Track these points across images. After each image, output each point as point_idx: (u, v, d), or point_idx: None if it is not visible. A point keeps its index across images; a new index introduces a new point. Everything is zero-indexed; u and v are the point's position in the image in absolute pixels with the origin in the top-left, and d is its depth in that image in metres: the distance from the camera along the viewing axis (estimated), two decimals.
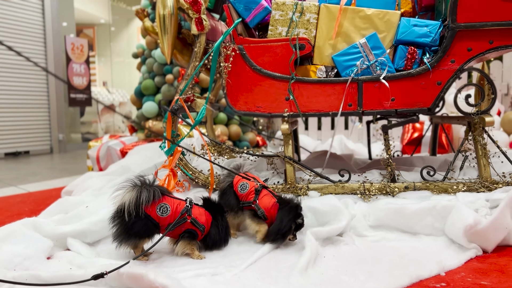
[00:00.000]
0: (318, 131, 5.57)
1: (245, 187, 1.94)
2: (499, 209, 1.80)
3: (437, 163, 2.79)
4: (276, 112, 2.32)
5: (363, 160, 3.14)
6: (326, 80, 2.27)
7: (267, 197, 1.90)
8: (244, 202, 1.92)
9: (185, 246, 1.79)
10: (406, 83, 2.19)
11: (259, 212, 1.87)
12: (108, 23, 11.66)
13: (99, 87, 11.43)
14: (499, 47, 2.12)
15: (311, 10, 2.31)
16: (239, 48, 2.31)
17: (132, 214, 1.68)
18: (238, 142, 4.45)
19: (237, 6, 2.35)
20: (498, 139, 3.58)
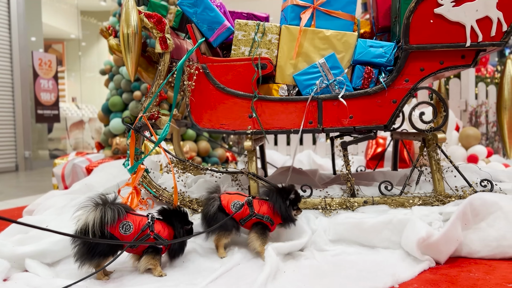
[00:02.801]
0: (287, 147, 5.64)
1: (239, 205, 1.94)
2: (450, 222, 1.89)
3: (397, 178, 2.89)
4: (239, 129, 2.36)
5: (328, 175, 3.21)
6: (287, 98, 2.33)
7: (263, 205, 1.96)
8: (244, 218, 1.94)
9: (148, 261, 1.80)
10: (363, 102, 2.28)
11: (265, 219, 1.92)
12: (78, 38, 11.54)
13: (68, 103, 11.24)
14: (449, 67, 2.24)
15: (273, 31, 2.39)
16: (202, 67, 2.36)
17: (96, 234, 1.68)
18: (208, 158, 4.46)
19: (200, 26, 2.40)
20: (456, 153, 3.74)
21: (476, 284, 1.64)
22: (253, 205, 1.95)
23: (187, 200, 2.36)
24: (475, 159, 3.64)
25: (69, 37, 11.50)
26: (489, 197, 2.01)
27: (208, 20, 2.39)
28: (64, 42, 11.79)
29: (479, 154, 3.68)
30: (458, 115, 4.58)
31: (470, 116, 4.59)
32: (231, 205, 1.95)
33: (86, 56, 12.26)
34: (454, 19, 2.15)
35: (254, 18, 2.82)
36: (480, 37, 2.15)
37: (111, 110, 4.43)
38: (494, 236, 1.93)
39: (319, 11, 2.40)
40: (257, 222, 1.95)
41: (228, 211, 1.95)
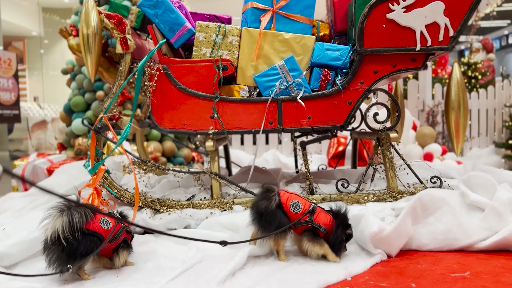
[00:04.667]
0: (253, 146, 5.70)
1: (298, 206, 1.87)
2: (401, 217, 1.99)
3: (355, 176, 3.00)
4: (201, 130, 2.40)
5: (291, 174, 3.29)
6: (248, 99, 2.38)
7: (322, 214, 1.90)
8: (300, 222, 1.86)
9: (125, 255, 1.87)
10: (320, 103, 2.36)
11: (322, 229, 1.85)
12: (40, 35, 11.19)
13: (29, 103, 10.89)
14: (401, 70, 2.35)
15: (234, 33, 2.43)
16: (163, 68, 2.37)
17: (69, 238, 1.67)
18: (173, 158, 4.46)
19: (161, 27, 2.41)
20: (413, 152, 3.91)
21: (423, 275, 1.74)
22: (314, 213, 1.88)
23: (149, 200, 2.37)
24: (430, 157, 3.82)
25: (31, 34, 11.14)
26: (437, 193, 2.13)
27: (169, 22, 2.41)
28: (25, 39, 11.41)
29: (434, 152, 3.85)
30: (416, 114, 4.78)
31: (427, 116, 4.79)
32: (290, 204, 1.88)
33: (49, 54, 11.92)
34: (405, 24, 2.26)
35: (216, 19, 2.85)
36: (429, 42, 2.27)
37: (73, 110, 4.36)
38: (441, 230, 2.05)
39: (279, 15, 2.46)
40: (309, 228, 1.88)
41: (286, 209, 1.86)
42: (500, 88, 5.38)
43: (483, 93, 5.26)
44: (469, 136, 5.11)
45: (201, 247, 2.07)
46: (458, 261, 1.89)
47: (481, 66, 6.16)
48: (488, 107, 5.28)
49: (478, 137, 5.21)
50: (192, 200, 2.41)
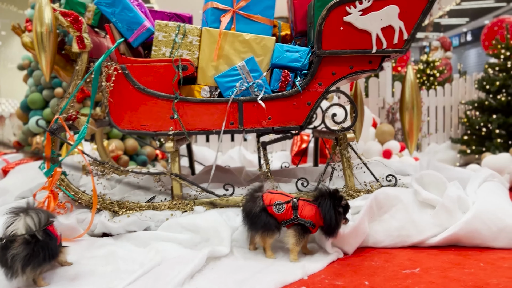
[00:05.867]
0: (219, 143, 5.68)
1: (281, 207, 1.92)
2: (359, 217, 2.05)
3: (316, 174, 3.05)
4: (161, 131, 2.37)
5: (254, 172, 3.32)
6: (209, 100, 2.38)
7: (306, 206, 1.93)
8: (287, 220, 1.92)
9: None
10: (281, 104, 2.39)
11: (307, 224, 1.90)
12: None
13: None
14: (358, 72, 2.41)
15: (194, 33, 2.42)
16: (121, 68, 2.33)
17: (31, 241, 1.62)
18: (135, 156, 4.39)
19: (119, 26, 2.37)
20: (372, 149, 4.02)
21: (376, 272, 1.81)
22: (297, 208, 1.92)
23: (108, 202, 2.34)
24: (389, 153, 3.94)
25: None
26: (392, 191, 2.21)
27: (127, 21, 2.36)
28: None
29: (393, 149, 3.98)
30: (376, 112, 4.91)
31: (387, 113, 4.93)
32: (273, 207, 1.93)
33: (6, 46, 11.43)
34: (362, 27, 2.32)
35: (177, 18, 2.82)
36: (385, 44, 2.34)
37: (31, 107, 4.21)
38: (396, 227, 2.13)
39: (239, 15, 2.47)
40: (296, 225, 1.93)
41: (270, 211, 1.92)
42: (457, 85, 5.59)
43: (440, 90, 5.45)
44: (427, 132, 5.30)
45: (160, 248, 2.06)
46: (410, 258, 1.97)
47: (439, 64, 6.39)
48: (445, 104, 5.49)
49: (436, 133, 5.41)
50: (152, 201, 2.39)
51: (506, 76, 4.93)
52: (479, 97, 5.41)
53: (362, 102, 3.13)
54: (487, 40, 8.29)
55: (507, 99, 4.89)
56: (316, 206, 1.93)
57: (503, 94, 4.90)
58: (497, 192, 2.24)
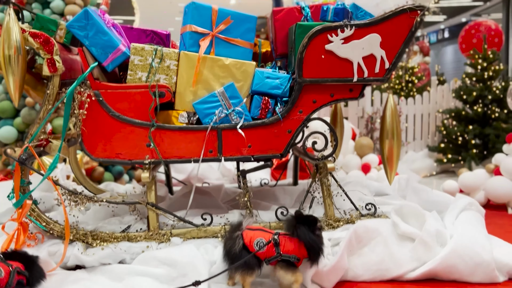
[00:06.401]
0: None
1: (262, 244, 1.87)
2: (339, 253, 2.03)
3: (296, 193, 3.04)
4: (137, 159, 2.30)
5: (233, 190, 3.27)
6: (187, 127, 2.32)
7: (288, 242, 1.89)
8: (269, 258, 1.88)
9: None
10: (261, 131, 2.35)
11: (292, 259, 1.86)
12: None
13: None
14: (339, 100, 2.39)
15: (171, 57, 2.34)
16: (95, 94, 2.24)
17: None
18: (111, 167, 4.28)
19: (93, 50, 2.26)
20: (352, 162, 4.02)
21: None
22: (279, 244, 1.88)
23: (81, 233, 2.25)
24: (367, 167, 3.95)
25: None
26: (371, 224, 2.20)
27: (101, 44, 2.26)
28: None
29: (372, 162, 3.99)
30: (355, 121, 4.92)
31: (366, 123, 4.95)
32: (254, 243, 1.89)
33: None
34: (343, 55, 2.28)
35: (155, 35, 2.72)
36: (366, 73, 2.31)
37: (1, 116, 4.03)
38: (375, 261, 2.13)
39: (218, 38, 2.40)
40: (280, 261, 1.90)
41: (251, 249, 1.88)
42: (435, 93, 5.65)
43: (418, 98, 5.50)
44: (405, 140, 5.34)
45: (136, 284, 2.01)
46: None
47: (418, 70, 6.44)
48: (423, 112, 5.55)
49: (413, 141, 5.46)
50: (128, 231, 2.32)
51: (483, 86, 5.01)
52: (456, 106, 5.48)
53: (341, 117, 3.13)
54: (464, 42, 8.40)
55: (483, 110, 4.97)
56: (297, 240, 1.90)
57: (479, 105, 4.98)
58: (474, 224, 2.26)
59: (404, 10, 2.26)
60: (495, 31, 8.08)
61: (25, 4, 4.04)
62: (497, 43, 8.06)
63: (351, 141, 4.21)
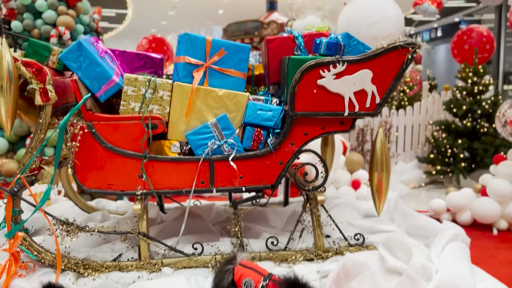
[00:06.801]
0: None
1: (250, 285, 1.88)
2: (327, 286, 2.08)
3: (287, 215, 3.08)
4: (129, 190, 2.31)
5: (224, 209, 3.30)
6: (179, 158, 2.33)
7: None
8: None
9: None
10: (253, 163, 2.37)
11: None
12: None
13: None
14: (330, 132, 2.42)
15: (165, 88, 2.34)
16: (88, 126, 2.24)
17: None
18: None
19: (86, 81, 2.26)
20: (342, 178, 4.07)
21: None
22: None
23: (73, 262, 2.27)
24: (357, 184, 4.00)
25: None
26: (359, 258, 2.25)
27: (95, 76, 2.26)
28: None
29: (361, 178, 4.05)
30: (347, 134, 4.96)
31: (357, 135, 5.00)
32: (242, 282, 1.89)
33: None
34: (335, 90, 2.31)
35: (147, 58, 2.72)
36: (357, 108, 2.35)
37: None
38: None
39: (212, 69, 2.41)
40: None
41: (239, 286, 1.89)
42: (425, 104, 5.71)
43: (409, 110, 5.56)
44: (395, 151, 5.41)
45: None
46: None
47: (410, 80, 6.49)
48: (414, 123, 5.61)
49: (404, 151, 5.53)
50: (119, 260, 2.34)
51: (472, 101, 5.08)
52: (447, 119, 5.54)
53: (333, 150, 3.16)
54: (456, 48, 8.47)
55: (472, 124, 5.05)
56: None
57: (468, 119, 5.06)
58: (460, 258, 2.31)
59: (395, 47, 2.29)
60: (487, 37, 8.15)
61: (16, 14, 4.01)
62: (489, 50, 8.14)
63: (342, 156, 4.25)
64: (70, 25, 4.05)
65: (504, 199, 3.43)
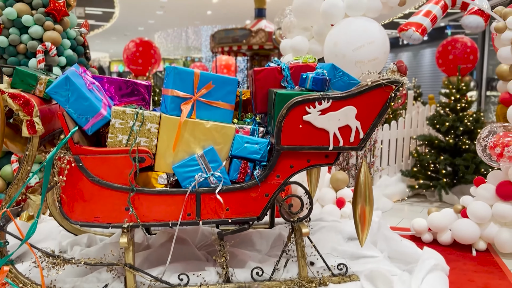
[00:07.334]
0: None
1: None
2: None
3: (272, 238, 3.13)
4: (115, 222, 2.33)
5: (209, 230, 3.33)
6: (166, 191, 2.36)
7: None
8: None
9: None
10: (239, 195, 2.41)
11: None
12: None
13: None
14: (315, 165, 2.47)
15: (152, 120, 2.37)
16: (75, 159, 2.25)
17: None
18: None
19: (74, 116, 2.27)
20: (327, 196, 4.13)
21: None
22: None
23: None
24: (342, 202, 4.07)
25: None
26: None
27: (82, 109, 2.27)
28: None
29: (346, 197, 4.12)
30: None
31: None
32: None
33: None
34: (320, 126, 2.36)
35: (135, 86, 2.73)
36: (341, 143, 2.40)
37: None
38: None
39: (200, 102, 2.44)
40: None
41: None
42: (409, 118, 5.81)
43: (393, 124, 5.65)
44: (380, 166, 5.50)
45: None
46: None
47: None
48: (398, 137, 5.70)
49: (388, 165, 5.62)
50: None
51: (455, 117, 5.19)
52: (430, 133, 5.65)
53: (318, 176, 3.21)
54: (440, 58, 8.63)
55: (454, 141, 5.16)
56: None
57: (451, 136, 5.17)
58: None
59: (379, 84, 2.34)
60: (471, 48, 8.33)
61: (2, 29, 3.96)
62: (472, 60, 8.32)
63: (328, 174, 4.32)
64: (56, 40, 4.01)
65: (483, 221, 3.53)
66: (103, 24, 17.81)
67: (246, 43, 7.80)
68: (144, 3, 14.08)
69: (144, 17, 16.97)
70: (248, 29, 7.79)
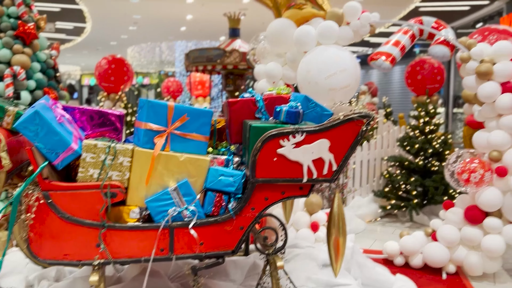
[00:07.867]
0: None
1: None
2: None
3: (247, 266, 3.11)
4: (86, 260, 2.27)
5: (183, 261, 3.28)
6: (138, 226, 2.32)
7: None
8: None
9: None
10: (213, 229, 2.39)
11: None
12: None
13: None
14: (290, 197, 2.48)
15: (125, 154, 2.33)
16: (44, 196, 2.19)
17: None
18: None
19: (44, 151, 2.21)
20: (301, 220, 4.15)
21: None
22: None
23: None
24: (316, 226, 4.10)
25: None
26: None
27: (52, 144, 2.21)
28: None
29: (320, 220, 4.15)
30: None
31: None
32: None
33: None
34: (294, 159, 2.38)
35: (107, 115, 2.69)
36: (315, 175, 2.42)
37: None
38: None
39: (174, 134, 2.42)
40: None
41: None
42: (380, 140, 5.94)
43: (365, 145, 5.76)
44: (352, 186, 5.58)
45: None
46: None
47: None
48: (370, 158, 5.82)
49: (360, 186, 5.71)
50: None
51: (424, 139, 5.34)
52: (401, 154, 5.79)
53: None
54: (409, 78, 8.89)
55: (424, 162, 5.30)
56: None
57: (421, 157, 5.31)
58: None
59: (351, 118, 2.39)
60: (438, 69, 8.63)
61: None
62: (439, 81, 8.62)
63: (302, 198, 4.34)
64: (25, 64, 3.93)
65: (452, 244, 3.62)
66: (74, 38, 17.53)
67: (221, 63, 7.83)
68: (117, 19, 13.96)
69: (117, 32, 16.81)
70: (222, 49, 7.82)
